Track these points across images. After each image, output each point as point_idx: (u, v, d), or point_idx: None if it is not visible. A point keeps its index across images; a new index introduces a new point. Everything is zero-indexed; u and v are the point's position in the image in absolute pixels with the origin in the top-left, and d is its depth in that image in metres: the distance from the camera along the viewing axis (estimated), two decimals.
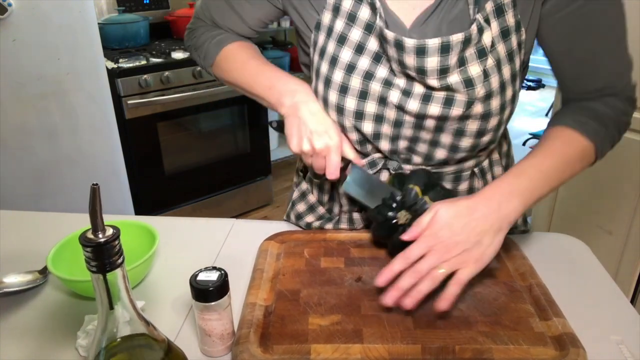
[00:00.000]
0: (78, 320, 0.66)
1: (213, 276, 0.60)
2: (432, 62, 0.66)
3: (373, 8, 0.70)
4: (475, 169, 0.80)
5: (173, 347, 0.47)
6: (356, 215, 0.86)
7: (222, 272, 0.60)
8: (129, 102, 2.14)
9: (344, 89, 0.72)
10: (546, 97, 4.97)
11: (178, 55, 2.32)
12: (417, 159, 0.77)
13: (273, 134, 3.16)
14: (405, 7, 0.71)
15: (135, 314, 0.44)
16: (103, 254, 0.39)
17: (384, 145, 0.76)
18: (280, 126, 0.80)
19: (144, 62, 2.19)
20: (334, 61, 0.72)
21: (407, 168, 0.78)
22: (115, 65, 2.12)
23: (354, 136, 0.77)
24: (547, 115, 4.48)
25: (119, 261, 0.41)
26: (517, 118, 4.39)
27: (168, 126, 2.34)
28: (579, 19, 0.68)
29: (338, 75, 0.72)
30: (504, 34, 0.68)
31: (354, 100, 0.72)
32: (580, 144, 0.72)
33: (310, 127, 0.73)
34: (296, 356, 0.59)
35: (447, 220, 0.64)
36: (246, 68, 0.82)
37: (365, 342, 0.61)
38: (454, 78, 0.67)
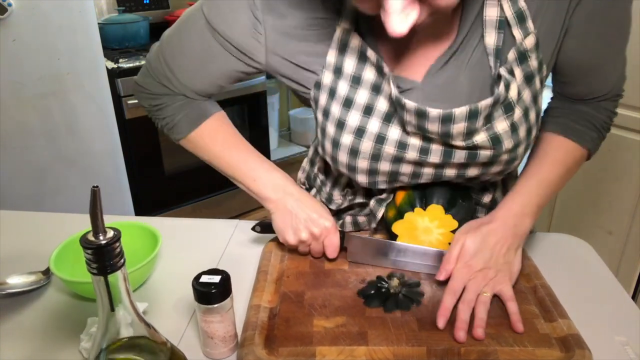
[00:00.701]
0: (81, 321, 0.65)
1: (215, 278, 0.59)
2: (459, 127, 0.64)
3: (380, 72, 0.67)
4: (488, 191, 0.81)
5: (174, 349, 0.47)
6: (361, 219, 0.86)
7: (225, 274, 0.60)
8: (129, 102, 2.14)
9: (354, 152, 0.69)
10: (546, 98, 4.96)
11: None
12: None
13: (273, 134, 3.15)
14: (416, 58, 0.67)
15: (136, 316, 0.43)
16: (104, 256, 0.39)
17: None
18: (265, 227, 0.80)
19: (144, 62, 2.18)
20: (341, 125, 0.69)
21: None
22: (115, 65, 2.11)
23: (364, 179, 0.73)
24: None
25: (120, 263, 0.40)
26: None
27: None
28: (594, 33, 0.67)
29: (347, 139, 0.69)
30: (528, 79, 0.65)
31: (366, 162, 0.70)
32: (579, 153, 0.76)
33: (303, 215, 0.73)
34: (301, 358, 0.59)
35: (475, 251, 0.68)
36: (227, 153, 0.78)
37: (370, 344, 0.61)
38: (481, 137, 0.65)
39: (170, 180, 2.40)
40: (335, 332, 0.63)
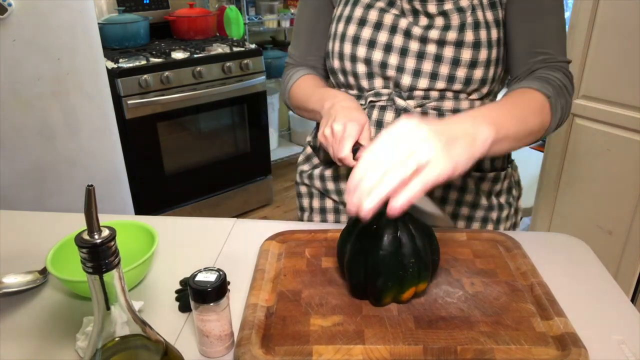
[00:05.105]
0: (78, 321, 0.66)
1: (211, 277, 0.59)
2: None
3: None
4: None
5: (170, 348, 0.47)
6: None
7: (221, 272, 0.60)
8: (129, 102, 2.14)
9: (362, 22, 0.86)
10: None
11: (178, 55, 2.32)
12: (418, 93, 0.85)
13: (273, 134, 3.15)
14: None
15: (132, 315, 0.43)
16: (99, 255, 0.39)
17: (390, 72, 0.85)
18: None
19: (144, 62, 2.19)
20: (355, 2, 0.88)
21: (411, 104, 0.85)
22: (115, 65, 2.12)
23: (364, 68, 0.87)
24: None
25: (115, 262, 0.40)
26: None
27: (168, 126, 2.33)
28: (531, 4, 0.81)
29: (358, 12, 0.87)
30: (492, 4, 0.82)
31: (370, 30, 0.85)
32: (533, 93, 0.77)
33: (336, 116, 0.77)
34: (298, 357, 0.59)
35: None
36: (306, 92, 0.93)
37: (367, 343, 0.61)
38: (448, 5, 0.82)
39: (170, 180, 2.41)
40: (332, 331, 0.63)
